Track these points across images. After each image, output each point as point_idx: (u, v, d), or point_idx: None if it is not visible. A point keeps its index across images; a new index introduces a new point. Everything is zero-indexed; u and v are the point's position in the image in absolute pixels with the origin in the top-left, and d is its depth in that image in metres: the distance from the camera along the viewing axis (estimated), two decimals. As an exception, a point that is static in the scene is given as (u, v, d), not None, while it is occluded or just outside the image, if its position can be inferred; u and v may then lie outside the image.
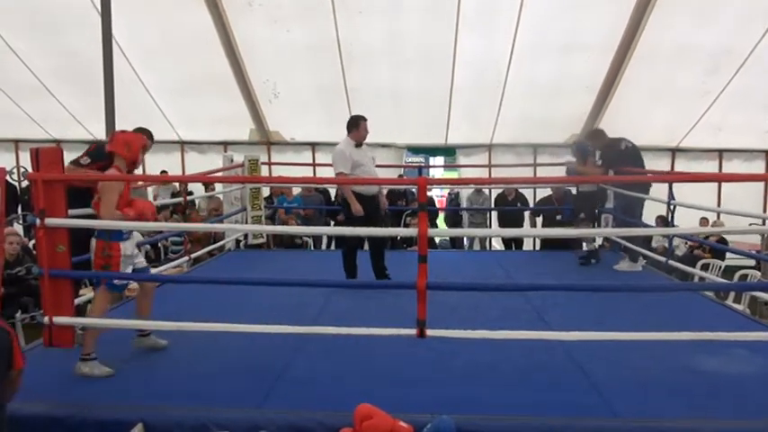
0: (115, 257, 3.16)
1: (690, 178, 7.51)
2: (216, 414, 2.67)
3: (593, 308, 4.26)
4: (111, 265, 3.17)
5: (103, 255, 3.15)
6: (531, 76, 8.61)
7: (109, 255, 3.15)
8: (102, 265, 3.18)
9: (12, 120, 9.75)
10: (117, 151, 3.29)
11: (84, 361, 3.14)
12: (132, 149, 3.29)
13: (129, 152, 3.28)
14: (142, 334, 3.53)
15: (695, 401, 2.90)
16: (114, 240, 3.17)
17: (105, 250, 3.15)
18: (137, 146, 3.31)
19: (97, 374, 3.11)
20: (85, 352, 3.15)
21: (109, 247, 3.15)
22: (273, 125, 10.06)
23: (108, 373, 3.13)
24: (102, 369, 3.13)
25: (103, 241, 3.16)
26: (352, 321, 3.19)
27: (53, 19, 8.21)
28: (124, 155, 3.28)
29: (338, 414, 2.57)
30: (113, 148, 3.30)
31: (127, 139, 3.32)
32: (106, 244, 3.15)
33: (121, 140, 3.31)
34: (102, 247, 3.15)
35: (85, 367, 3.12)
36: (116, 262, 3.17)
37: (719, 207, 8.67)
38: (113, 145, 3.31)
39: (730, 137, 9.29)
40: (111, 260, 3.16)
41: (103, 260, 3.16)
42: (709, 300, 4.90)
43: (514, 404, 2.85)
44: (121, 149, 3.28)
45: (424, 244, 2.92)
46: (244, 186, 7.15)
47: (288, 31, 8.22)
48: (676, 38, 7.96)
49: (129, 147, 3.29)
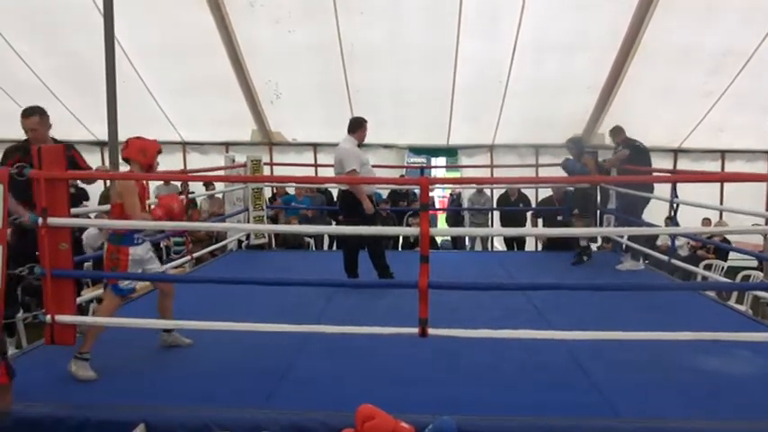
0: (123, 261, 3.22)
1: (692, 178, 7.48)
2: (218, 414, 2.67)
3: (595, 307, 4.27)
4: (119, 268, 3.23)
5: (112, 258, 3.23)
6: (532, 76, 8.59)
7: (117, 258, 3.22)
8: (110, 268, 3.25)
9: (14, 120, 9.64)
10: (132, 157, 3.35)
11: (76, 359, 3.16)
12: (148, 155, 3.36)
13: (144, 158, 3.35)
14: (165, 330, 3.63)
15: (697, 402, 2.91)
16: (124, 245, 3.24)
17: (114, 254, 3.23)
18: (152, 151, 3.38)
19: (81, 376, 3.12)
20: (82, 350, 3.18)
21: (117, 251, 3.23)
22: (275, 126, 10.06)
23: (89, 378, 3.13)
24: (86, 373, 3.14)
25: (113, 245, 3.24)
26: (355, 321, 3.21)
27: (55, 20, 8.21)
28: (140, 160, 3.35)
29: (340, 414, 2.58)
30: (128, 155, 3.36)
31: (142, 145, 3.38)
32: (115, 248, 3.23)
33: (137, 146, 3.36)
34: (112, 250, 3.23)
35: (74, 365, 3.15)
36: (123, 266, 3.23)
37: (722, 207, 8.63)
38: (128, 151, 3.36)
39: (733, 137, 9.27)
40: (119, 263, 3.22)
41: (112, 263, 3.24)
42: (711, 300, 4.89)
43: (516, 404, 2.86)
44: (137, 155, 3.34)
45: (426, 244, 2.94)
46: (246, 186, 7.15)
47: (290, 31, 8.22)
48: (678, 38, 7.93)
49: (145, 152, 3.35)
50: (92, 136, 10.10)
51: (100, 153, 10.17)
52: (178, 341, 3.64)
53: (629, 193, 6.12)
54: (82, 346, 3.18)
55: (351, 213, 5.20)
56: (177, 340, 3.64)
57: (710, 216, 8.50)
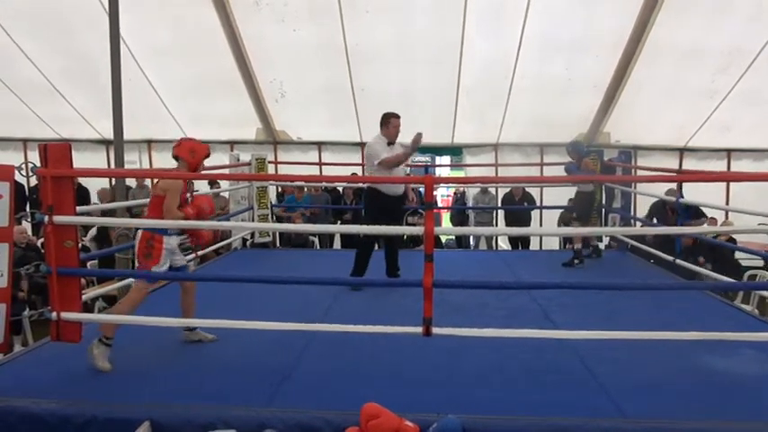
0: (157, 248, 3.35)
1: (698, 178, 7.43)
2: (223, 412, 2.66)
3: (601, 307, 4.24)
4: (153, 255, 3.35)
5: (148, 244, 3.35)
6: (538, 74, 8.55)
7: (152, 245, 3.35)
8: (145, 254, 3.36)
9: (21, 120, 9.78)
10: (182, 156, 3.51)
11: (100, 342, 3.20)
12: (196, 156, 3.52)
13: (193, 158, 3.51)
14: (188, 328, 3.64)
15: (703, 402, 2.88)
16: (159, 233, 3.37)
17: (150, 241, 3.35)
18: (201, 153, 3.54)
19: (98, 365, 3.16)
20: (107, 335, 3.22)
21: (153, 239, 3.36)
22: (280, 124, 10.06)
23: (104, 369, 3.16)
24: (104, 363, 3.18)
25: (150, 233, 3.37)
26: (359, 320, 3.19)
27: (61, 19, 8.24)
28: (188, 160, 3.50)
29: (344, 413, 2.57)
30: (179, 153, 3.52)
31: (193, 146, 3.54)
32: (151, 236, 3.36)
33: (188, 147, 3.52)
34: (147, 237, 3.36)
35: (96, 349, 3.18)
36: (158, 253, 3.36)
37: (728, 206, 8.60)
38: (179, 150, 3.52)
39: (739, 136, 9.21)
40: (154, 251, 3.35)
41: (147, 249, 3.35)
42: (717, 300, 4.86)
43: (521, 404, 2.83)
44: (186, 155, 3.50)
45: (430, 242, 2.92)
46: (251, 185, 7.13)
47: (295, 30, 8.21)
48: (685, 36, 7.88)
49: (194, 153, 3.52)
50: (97, 134, 10.15)
51: (105, 152, 10.23)
52: (201, 337, 3.65)
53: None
54: (106, 330, 3.22)
55: (368, 210, 5.14)
56: (201, 336, 3.65)
57: (716, 216, 8.37)
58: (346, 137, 9.85)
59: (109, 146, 9.81)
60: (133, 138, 8.96)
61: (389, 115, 5.06)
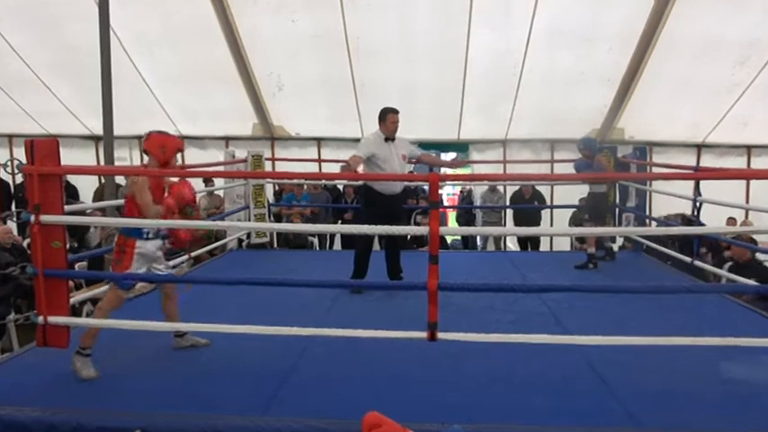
0: (128, 253, 3.24)
1: (717, 175, 7.25)
2: (217, 422, 2.63)
3: (613, 311, 4.19)
4: (123, 260, 3.24)
5: (120, 249, 3.27)
6: (547, 68, 8.34)
7: (123, 250, 3.25)
8: (116, 260, 3.28)
9: (6, 114, 9.59)
10: (151, 151, 3.31)
11: (78, 354, 3.13)
12: (167, 152, 3.32)
13: (163, 154, 3.31)
14: (177, 335, 3.58)
15: (721, 411, 2.81)
16: (132, 237, 3.25)
17: (122, 246, 3.26)
18: (172, 148, 3.35)
19: (83, 375, 3.10)
20: (83, 345, 3.15)
21: (125, 243, 3.25)
22: (277, 119, 9.84)
23: (91, 377, 3.10)
24: (89, 372, 3.11)
25: (123, 236, 3.28)
26: (360, 324, 3.09)
27: (49, 10, 8.03)
28: (158, 156, 3.31)
29: (345, 422, 2.53)
30: (148, 147, 3.33)
31: (163, 140, 3.35)
32: (124, 239, 3.26)
33: (157, 141, 3.33)
34: (120, 242, 3.28)
35: (78, 362, 3.12)
36: (128, 257, 3.24)
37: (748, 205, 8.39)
38: (148, 144, 3.33)
39: (759, 132, 8.97)
40: (125, 256, 3.24)
41: (118, 255, 3.27)
42: (736, 303, 4.76)
43: (529, 412, 2.80)
44: (156, 150, 3.31)
45: (435, 243, 2.86)
46: (247, 183, 7.02)
47: (293, 21, 7.98)
48: (701, 28, 7.66)
49: (164, 149, 3.31)
50: (86, 130, 9.95)
51: (95, 147, 10.01)
52: (194, 342, 3.58)
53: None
54: (83, 340, 3.15)
55: (364, 209, 5.11)
56: (193, 341, 3.58)
57: (736, 215, 8.27)
58: (346, 133, 9.59)
59: (98, 142, 9.60)
60: (124, 133, 8.69)
61: (387, 110, 5.03)
